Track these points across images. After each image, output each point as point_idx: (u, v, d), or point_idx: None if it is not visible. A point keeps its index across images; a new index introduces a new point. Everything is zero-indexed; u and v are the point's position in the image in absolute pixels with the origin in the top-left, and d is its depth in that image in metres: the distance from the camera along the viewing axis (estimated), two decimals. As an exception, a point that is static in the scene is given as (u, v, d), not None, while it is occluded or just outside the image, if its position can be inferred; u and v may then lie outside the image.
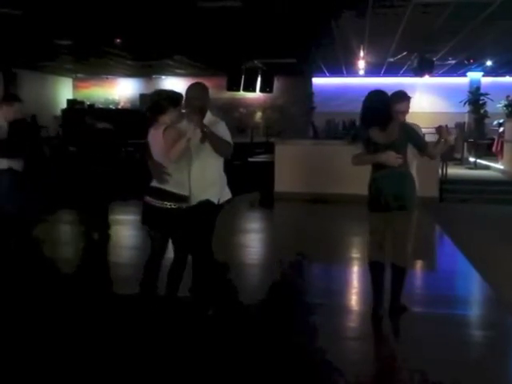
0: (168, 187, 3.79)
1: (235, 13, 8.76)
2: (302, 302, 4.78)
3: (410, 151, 4.08)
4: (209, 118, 3.94)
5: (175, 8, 8.62)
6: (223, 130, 3.90)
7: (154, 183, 3.85)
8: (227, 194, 4.15)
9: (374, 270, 4.15)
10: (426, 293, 5.22)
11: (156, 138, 3.80)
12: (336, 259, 6.20)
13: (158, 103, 3.83)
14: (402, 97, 4.35)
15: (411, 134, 4.05)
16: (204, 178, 3.91)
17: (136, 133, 7.14)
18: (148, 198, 3.85)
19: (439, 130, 4.21)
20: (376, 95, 4.04)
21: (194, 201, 3.93)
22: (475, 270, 5.56)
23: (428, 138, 14.56)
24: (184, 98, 3.91)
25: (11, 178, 5.29)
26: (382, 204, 3.98)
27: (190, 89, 3.96)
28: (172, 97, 3.86)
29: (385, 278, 4.16)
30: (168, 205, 3.77)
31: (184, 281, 3.97)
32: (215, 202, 3.97)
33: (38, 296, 4.64)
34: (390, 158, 3.89)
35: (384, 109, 3.95)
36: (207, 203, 3.93)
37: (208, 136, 3.71)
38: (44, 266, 5.59)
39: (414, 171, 4.20)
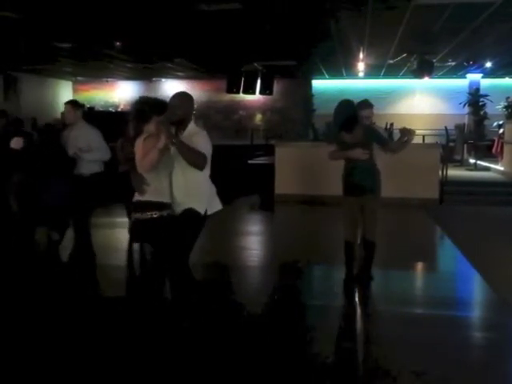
0: (147, 197, 3.70)
1: (235, 15, 8.76)
2: (303, 303, 4.78)
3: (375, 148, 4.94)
4: (190, 127, 3.81)
5: (175, 10, 8.63)
6: (200, 141, 3.70)
7: (136, 196, 3.76)
8: (217, 205, 4.00)
9: (348, 249, 5.03)
10: (427, 294, 5.22)
11: (138, 147, 3.70)
12: (337, 261, 6.17)
13: (141, 111, 3.72)
14: (366, 105, 5.15)
15: (374, 135, 4.92)
16: (188, 186, 3.76)
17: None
18: (133, 214, 3.77)
19: (402, 130, 4.94)
20: (345, 104, 4.87)
21: (178, 209, 3.79)
22: (476, 271, 5.55)
23: (428, 140, 14.55)
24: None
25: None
26: (355, 189, 4.89)
27: (172, 97, 3.83)
28: (155, 105, 3.74)
29: (356, 254, 5.07)
30: (149, 215, 3.66)
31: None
32: (201, 211, 3.79)
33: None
34: (359, 153, 4.77)
35: (351, 115, 4.81)
36: (191, 212, 3.77)
37: (177, 146, 3.56)
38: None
39: (379, 164, 5.05)
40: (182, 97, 3.87)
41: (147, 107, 3.73)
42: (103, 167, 5.60)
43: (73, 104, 5.51)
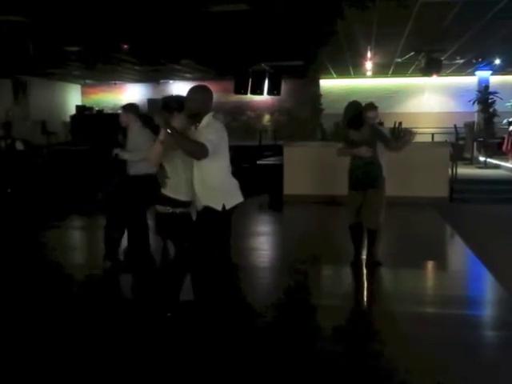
0: (166, 192, 3.88)
1: (241, 16, 8.76)
2: (313, 304, 4.77)
3: (381, 146, 5.38)
4: (206, 119, 3.80)
5: (182, 12, 8.65)
6: (208, 132, 3.69)
7: (161, 189, 3.94)
8: (236, 199, 3.94)
9: (353, 231, 5.56)
10: (438, 293, 5.20)
11: None
12: (347, 261, 6.16)
13: (164, 108, 3.88)
14: (372, 107, 5.49)
15: (378, 134, 5.38)
16: (204, 182, 3.81)
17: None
18: (156, 206, 3.96)
19: (403, 130, 5.45)
20: (352, 105, 5.45)
21: (198, 205, 3.89)
22: (487, 270, 5.51)
23: (437, 138, 14.52)
24: None
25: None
26: (359, 184, 5.38)
27: (188, 91, 3.87)
28: (178, 101, 3.85)
29: (362, 237, 5.58)
30: (165, 209, 3.87)
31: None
32: (217, 207, 3.79)
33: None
34: (364, 151, 5.23)
35: (358, 115, 5.33)
36: (207, 209, 3.81)
37: (174, 138, 3.59)
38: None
39: (384, 161, 5.53)
40: (195, 90, 3.87)
41: (169, 104, 3.90)
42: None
43: (124, 107, 5.76)
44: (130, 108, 5.71)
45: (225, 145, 3.84)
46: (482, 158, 14.51)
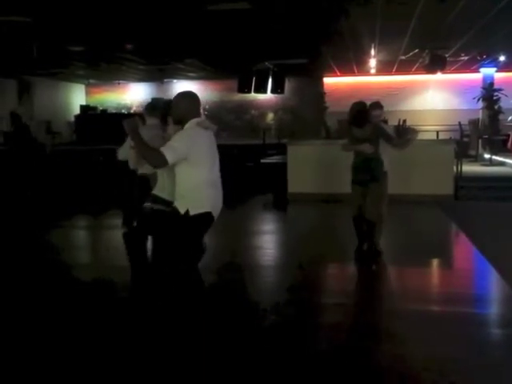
0: (154, 190, 4.17)
1: (245, 15, 8.76)
2: (318, 302, 4.76)
3: (383, 144, 5.68)
4: (187, 125, 3.71)
5: (185, 12, 8.66)
6: (174, 138, 3.63)
7: None
8: (202, 207, 3.64)
9: (356, 222, 5.88)
10: (443, 291, 5.18)
11: None
12: (351, 259, 6.16)
13: (161, 113, 3.97)
14: (377, 105, 5.91)
15: (380, 132, 5.65)
16: (177, 185, 3.72)
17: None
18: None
19: (405, 129, 5.83)
20: (358, 105, 5.69)
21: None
22: (492, 267, 5.49)
23: (442, 136, 14.43)
24: None
25: None
26: (360, 179, 5.69)
27: (174, 97, 3.83)
28: (169, 105, 3.87)
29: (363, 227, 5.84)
30: (147, 205, 4.17)
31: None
32: (180, 210, 3.64)
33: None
34: (366, 147, 5.54)
35: (362, 114, 5.62)
36: (174, 211, 3.72)
37: (135, 144, 3.73)
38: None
39: (387, 158, 5.85)
40: (178, 97, 3.82)
41: (165, 109, 4.06)
42: None
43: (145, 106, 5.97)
44: (145, 107, 5.81)
45: (201, 152, 3.62)
46: (486, 156, 14.46)
